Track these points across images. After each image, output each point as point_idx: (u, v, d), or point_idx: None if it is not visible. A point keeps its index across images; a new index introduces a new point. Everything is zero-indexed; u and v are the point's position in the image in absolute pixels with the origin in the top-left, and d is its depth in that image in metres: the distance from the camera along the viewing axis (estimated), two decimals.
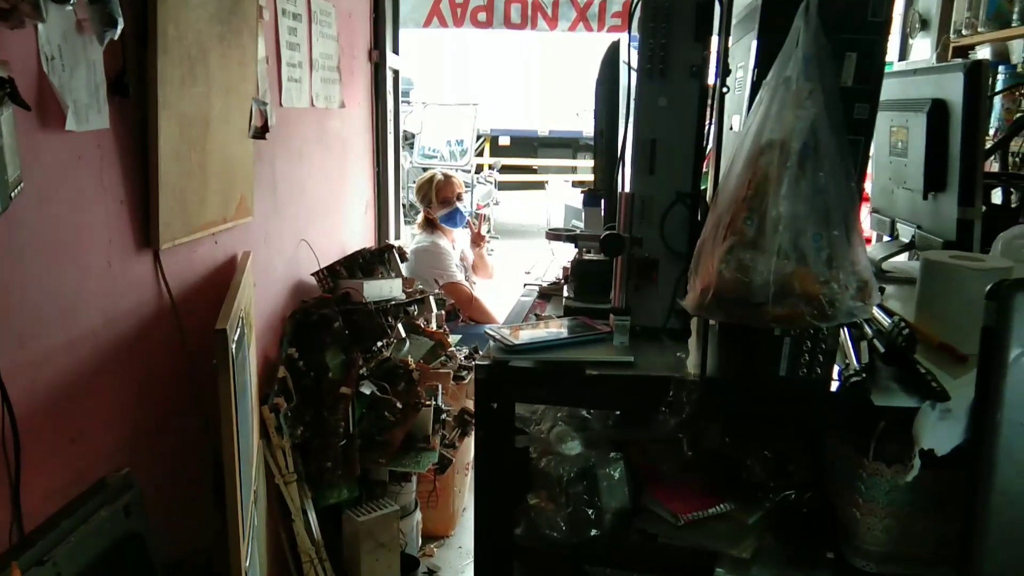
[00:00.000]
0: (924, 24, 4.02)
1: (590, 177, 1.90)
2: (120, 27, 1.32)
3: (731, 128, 1.50)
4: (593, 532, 1.30)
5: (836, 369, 1.20)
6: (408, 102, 9.48)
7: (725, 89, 1.22)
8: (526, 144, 12.69)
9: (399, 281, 2.58)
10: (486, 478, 1.33)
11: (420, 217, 3.58)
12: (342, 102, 2.82)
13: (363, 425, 2.23)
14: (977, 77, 1.64)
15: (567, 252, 1.81)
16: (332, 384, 2.15)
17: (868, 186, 2.32)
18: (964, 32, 3.29)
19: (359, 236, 3.14)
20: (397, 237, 3.62)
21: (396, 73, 3.59)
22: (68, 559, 1.23)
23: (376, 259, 2.66)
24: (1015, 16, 2.94)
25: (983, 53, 3.17)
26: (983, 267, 1.33)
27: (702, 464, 1.38)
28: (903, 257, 2.08)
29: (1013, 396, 1.06)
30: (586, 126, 10.62)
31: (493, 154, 11.98)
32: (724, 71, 1.24)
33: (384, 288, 2.45)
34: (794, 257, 1.00)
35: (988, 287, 1.09)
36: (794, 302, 1.01)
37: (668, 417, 1.20)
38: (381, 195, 3.47)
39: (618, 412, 1.47)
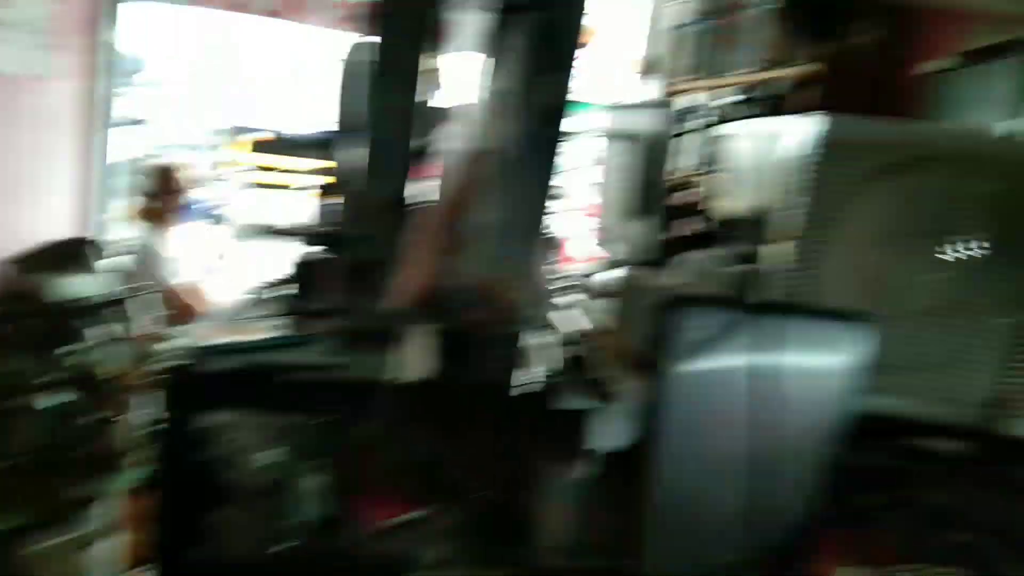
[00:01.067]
0: (653, 69, 4.47)
1: None
2: None
3: (447, 136, 1.53)
4: (288, 545, 1.24)
5: (527, 373, 1.25)
6: (138, 85, 8.67)
7: (446, 97, 1.24)
8: (277, 142, 12.16)
9: (99, 278, 2.31)
10: (169, 494, 1.22)
11: (134, 210, 3.22)
12: (46, 73, 2.49)
13: (46, 441, 1.96)
14: (666, 115, 1.84)
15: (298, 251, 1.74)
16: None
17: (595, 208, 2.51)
18: (680, 78, 3.70)
19: (57, 227, 2.79)
20: (106, 230, 3.26)
21: (119, 50, 3.24)
22: None
23: (73, 253, 2.36)
24: (720, 71, 3.35)
25: (694, 98, 3.57)
26: (663, 284, 1.47)
27: (404, 470, 1.37)
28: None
29: (675, 398, 1.17)
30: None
31: (242, 150, 11.34)
32: (445, 80, 1.26)
33: (80, 286, 2.18)
34: (492, 264, 1.03)
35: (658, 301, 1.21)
36: (489, 307, 1.03)
37: (371, 422, 1.18)
38: (88, 183, 3.11)
39: (323, 418, 1.42)
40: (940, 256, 1.29)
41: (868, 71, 2.03)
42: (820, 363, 1.24)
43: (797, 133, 1.28)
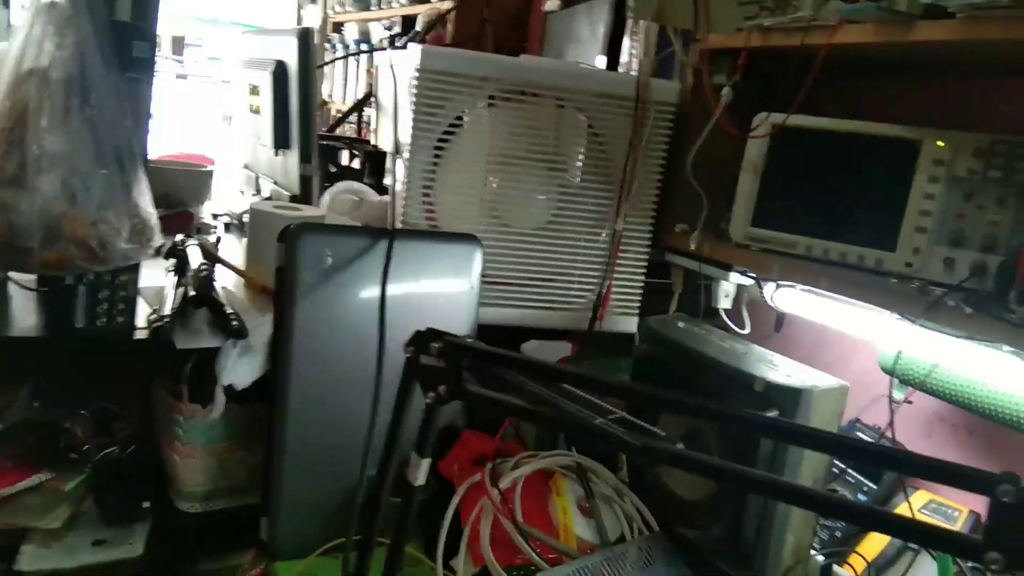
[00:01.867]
0: None
1: None
2: None
3: None
4: None
5: (145, 317, 1.18)
6: None
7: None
8: None
9: None
10: None
11: None
12: None
13: None
14: (307, 42, 1.79)
15: None
16: None
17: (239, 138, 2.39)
18: (337, 9, 3.62)
19: None
20: None
21: None
22: None
23: None
24: (374, 3, 3.34)
25: (351, 29, 3.54)
26: (297, 215, 1.45)
27: (14, 436, 1.23)
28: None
29: (302, 327, 1.18)
30: None
31: None
32: None
33: None
34: (62, 197, 0.94)
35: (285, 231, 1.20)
36: (64, 245, 0.94)
37: None
38: None
39: None
40: (544, 178, 1.44)
41: (497, 9, 2.17)
42: (442, 282, 1.33)
43: (408, 66, 1.33)
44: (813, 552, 1.24)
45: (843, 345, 1.50)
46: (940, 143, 1.09)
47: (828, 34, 1.09)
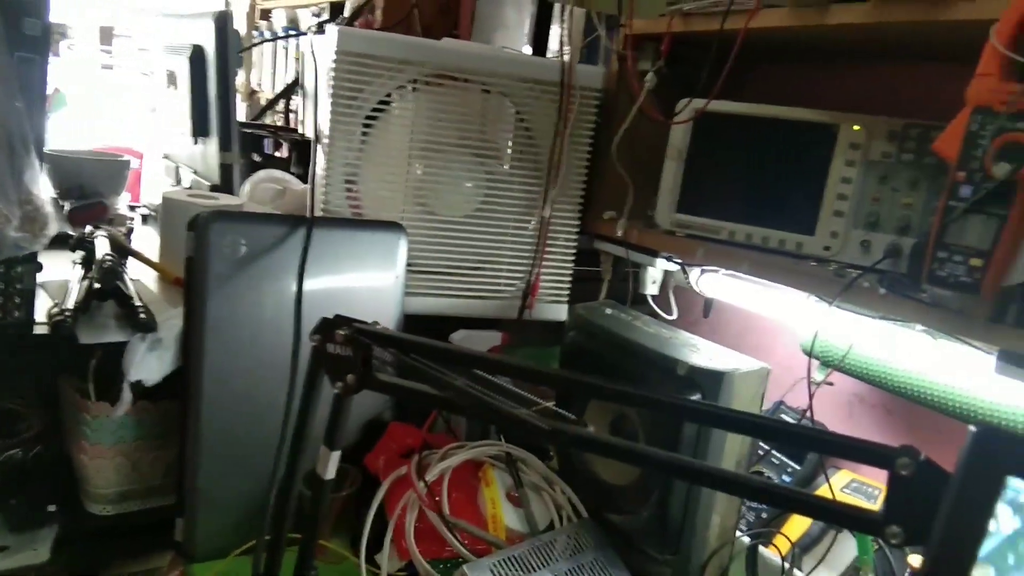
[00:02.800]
0: None
1: None
2: None
3: None
4: None
5: (47, 311, 1.12)
6: None
7: None
8: None
9: None
10: None
11: None
12: None
13: None
14: (224, 25, 1.72)
15: None
16: None
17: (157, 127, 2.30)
18: None
19: None
20: None
21: None
22: None
23: None
24: None
25: (279, 16, 3.44)
26: (212, 204, 1.40)
27: None
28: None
29: (214, 320, 1.13)
30: None
31: None
32: None
33: None
34: None
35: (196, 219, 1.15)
36: None
37: None
38: None
39: None
40: (471, 165, 1.42)
41: None
42: (365, 272, 1.30)
43: (328, 49, 1.29)
44: (739, 533, 1.25)
45: (768, 330, 1.52)
46: (856, 127, 1.10)
47: (747, 18, 1.09)
